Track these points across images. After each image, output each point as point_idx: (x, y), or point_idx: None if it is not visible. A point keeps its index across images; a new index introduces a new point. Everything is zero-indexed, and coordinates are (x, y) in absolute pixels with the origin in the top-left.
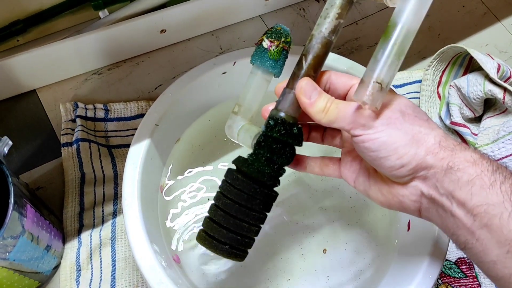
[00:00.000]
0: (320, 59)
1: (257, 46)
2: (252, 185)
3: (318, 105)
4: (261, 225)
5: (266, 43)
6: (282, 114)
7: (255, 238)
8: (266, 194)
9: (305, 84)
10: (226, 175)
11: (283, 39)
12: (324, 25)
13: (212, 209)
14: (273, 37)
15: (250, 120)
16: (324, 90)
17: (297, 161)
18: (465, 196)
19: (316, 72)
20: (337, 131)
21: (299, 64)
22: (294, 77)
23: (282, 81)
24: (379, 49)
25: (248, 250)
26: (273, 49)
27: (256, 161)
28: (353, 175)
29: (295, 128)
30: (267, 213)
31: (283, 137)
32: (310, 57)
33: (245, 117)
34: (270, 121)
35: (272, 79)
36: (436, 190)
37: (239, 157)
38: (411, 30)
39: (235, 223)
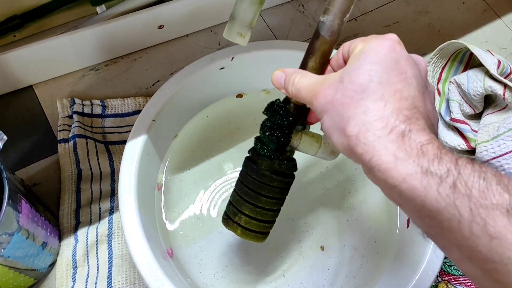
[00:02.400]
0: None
1: None
2: (255, 168)
3: (288, 83)
4: (278, 208)
5: None
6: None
7: (274, 219)
8: (271, 178)
9: (275, 76)
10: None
11: None
12: (333, 12)
13: (232, 193)
14: None
15: None
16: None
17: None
18: (399, 200)
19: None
20: None
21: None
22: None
23: (279, 69)
24: None
25: (269, 231)
26: None
27: (256, 145)
28: None
29: (285, 111)
30: (282, 196)
31: (278, 120)
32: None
33: None
34: (274, 106)
35: None
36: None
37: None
38: None
39: (248, 207)
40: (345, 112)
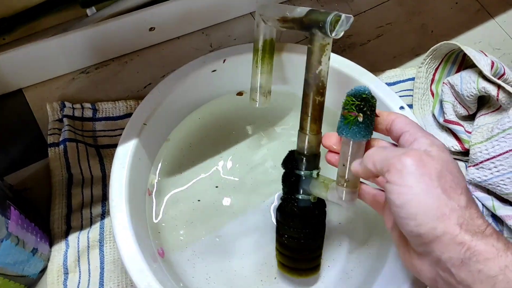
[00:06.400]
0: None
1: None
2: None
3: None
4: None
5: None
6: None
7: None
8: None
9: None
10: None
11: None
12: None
13: (282, 243)
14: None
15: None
16: (386, 130)
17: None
18: None
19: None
20: None
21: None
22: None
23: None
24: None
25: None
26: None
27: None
28: (390, 222)
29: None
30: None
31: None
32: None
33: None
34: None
35: None
36: (452, 276)
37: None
38: None
39: (305, 253)
40: (449, 198)
